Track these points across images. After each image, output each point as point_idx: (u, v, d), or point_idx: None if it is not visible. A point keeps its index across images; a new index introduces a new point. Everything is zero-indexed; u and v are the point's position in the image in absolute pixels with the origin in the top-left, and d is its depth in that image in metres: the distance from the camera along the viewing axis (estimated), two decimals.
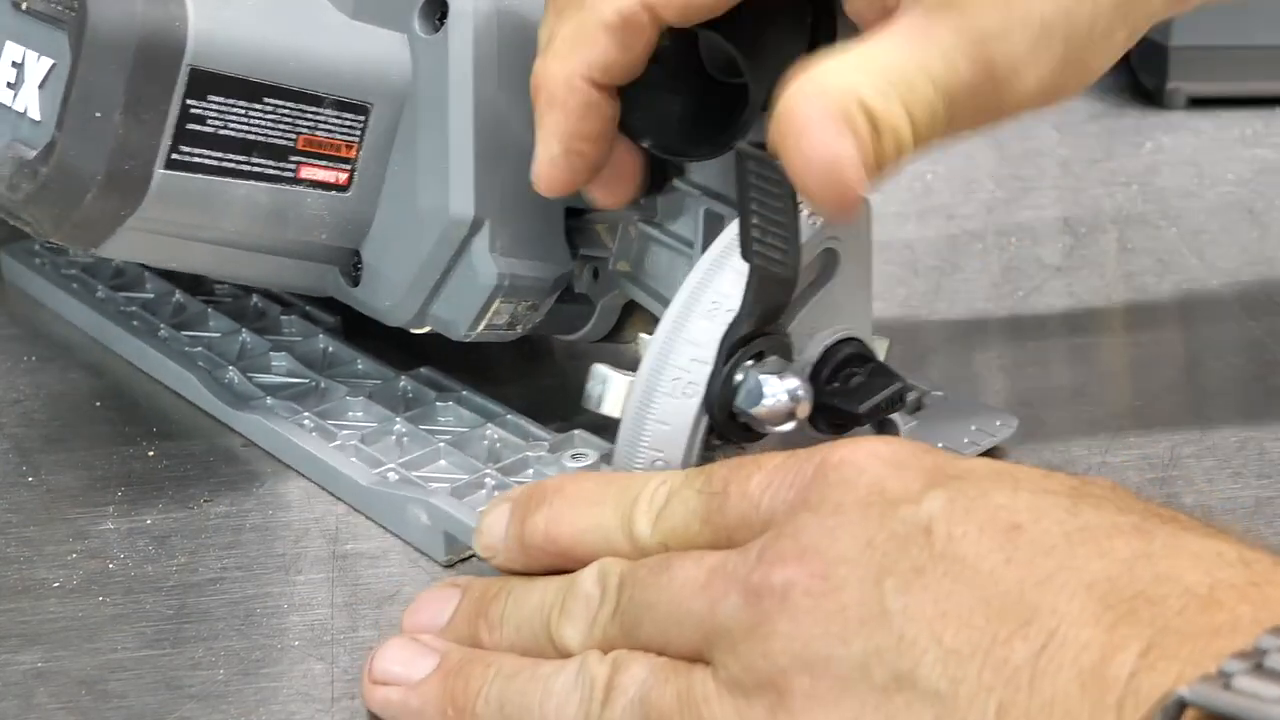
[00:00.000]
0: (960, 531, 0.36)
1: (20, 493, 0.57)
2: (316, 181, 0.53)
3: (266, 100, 0.51)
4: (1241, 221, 0.79)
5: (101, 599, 0.51)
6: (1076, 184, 0.84)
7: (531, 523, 0.45)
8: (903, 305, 0.71)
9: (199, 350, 0.63)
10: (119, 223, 0.50)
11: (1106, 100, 0.95)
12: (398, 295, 0.55)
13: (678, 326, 0.48)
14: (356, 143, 0.54)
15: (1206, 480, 0.57)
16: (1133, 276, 0.74)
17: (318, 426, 0.58)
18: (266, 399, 0.60)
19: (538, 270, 0.56)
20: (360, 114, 0.53)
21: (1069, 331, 0.69)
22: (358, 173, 0.54)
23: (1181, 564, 0.34)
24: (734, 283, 0.47)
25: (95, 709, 0.46)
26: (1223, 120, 0.91)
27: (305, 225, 0.54)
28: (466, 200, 0.53)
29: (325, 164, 0.53)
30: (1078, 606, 0.33)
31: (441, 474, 0.55)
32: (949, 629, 0.34)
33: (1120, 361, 0.67)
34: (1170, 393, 0.63)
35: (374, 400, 0.59)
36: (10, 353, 0.66)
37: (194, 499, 0.56)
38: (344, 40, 0.53)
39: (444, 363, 0.61)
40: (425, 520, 0.52)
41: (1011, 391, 0.64)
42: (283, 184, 0.53)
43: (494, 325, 0.56)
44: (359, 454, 0.56)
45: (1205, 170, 0.85)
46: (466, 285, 0.54)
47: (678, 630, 0.39)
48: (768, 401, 0.46)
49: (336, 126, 0.53)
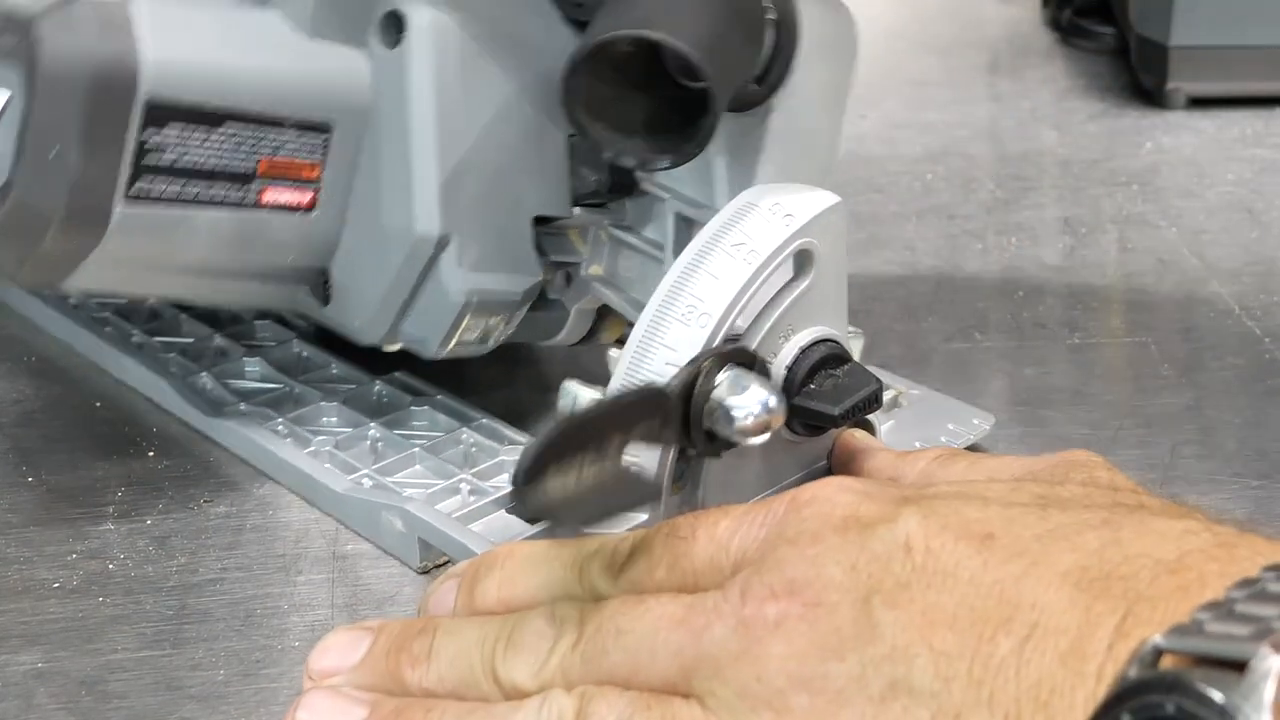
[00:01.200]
0: (938, 544, 0.37)
1: (20, 493, 0.57)
2: (280, 204, 0.52)
3: (225, 126, 0.50)
4: (1241, 221, 0.79)
5: (101, 599, 0.51)
6: (1076, 184, 0.84)
7: (482, 588, 0.44)
8: (903, 305, 0.71)
9: (172, 356, 0.63)
10: (82, 258, 0.49)
11: (1106, 100, 0.95)
12: (368, 314, 0.55)
13: (652, 331, 0.47)
14: (320, 163, 0.53)
15: (1207, 480, 0.57)
16: (1133, 276, 0.74)
17: (292, 433, 0.58)
18: (240, 405, 0.59)
19: (507, 283, 0.55)
20: (322, 133, 0.52)
21: (1069, 331, 0.69)
22: (322, 193, 0.53)
23: (1149, 542, 0.35)
24: (709, 286, 0.47)
25: (95, 709, 0.46)
26: (1223, 120, 0.91)
27: (271, 248, 0.53)
28: (432, 217, 0.52)
29: (289, 186, 0.52)
30: (1054, 595, 0.34)
31: (416, 479, 0.55)
32: (937, 634, 0.35)
33: (1120, 361, 0.67)
34: (1170, 393, 0.63)
35: (348, 405, 0.59)
36: (10, 353, 0.66)
37: (194, 499, 0.56)
38: (302, 60, 0.52)
39: (420, 367, 0.60)
40: (400, 527, 0.52)
41: (1011, 391, 0.64)
42: (246, 209, 0.52)
43: (465, 341, 0.55)
44: (334, 460, 0.56)
45: (1205, 170, 0.85)
46: (436, 303, 0.54)
47: (651, 661, 0.38)
48: (740, 415, 0.46)
49: (298, 148, 0.52)
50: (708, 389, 0.46)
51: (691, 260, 0.48)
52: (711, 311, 0.47)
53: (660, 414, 0.45)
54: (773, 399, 0.46)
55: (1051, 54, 1.03)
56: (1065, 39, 1.05)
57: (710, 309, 0.47)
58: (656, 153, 0.50)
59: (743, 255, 0.48)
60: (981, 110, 0.95)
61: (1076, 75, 0.99)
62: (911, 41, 1.06)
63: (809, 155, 0.56)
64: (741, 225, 0.48)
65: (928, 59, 1.03)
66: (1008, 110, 0.94)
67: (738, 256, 0.48)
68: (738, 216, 0.49)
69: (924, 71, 1.01)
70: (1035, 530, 0.36)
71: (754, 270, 0.47)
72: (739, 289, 0.47)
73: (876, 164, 0.87)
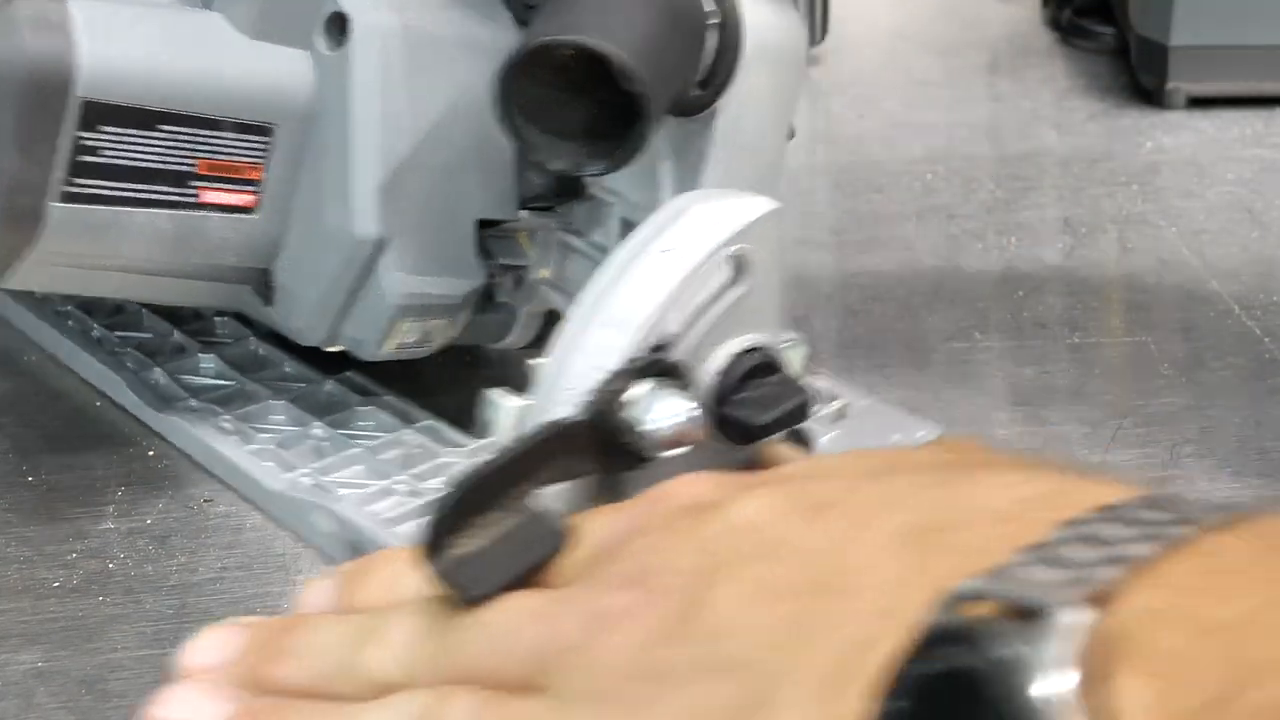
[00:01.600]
0: (779, 518, 0.37)
1: (20, 493, 0.57)
2: (220, 205, 0.52)
3: (162, 127, 0.50)
4: (1241, 221, 0.79)
5: (101, 599, 0.51)
6: (1076, 184, 0.84)
7: (364, 589, 0.43)
8: (903, 305, 0.71)
9: (129, 351, 0.63)
10: (17, 258, 0.49)
11: (1106, 100, 0.95)
12: (308, 315, 0.55)
13: (575, 338, 0.46)
14: (261, 164, 0.53)
15: (1207, 480, 0.57)
16: (1133, 276, 0.74)
17: (238, 430, 0.58)
18: (191, 401, 0.59)
19: (447, 287, 0.55)
20: (263, 135, 0.52)
21: (1069, 331, 0.69)
22: (264, 194, 0.53)
23: (985, 494, 0.35)
24: (634, 292, 0.46)
25: (95, 709, 0.46)
26: (1223, 120, 0.91)
27: (211, 249, 0.53)
28: (371, 220, 0.52)
29: (229, 187, 0.52)
30: (881, 554, 0.34)
31: (355, 480, 0.55)
32: (764, 605, 0.35)
33: (1120, 361, 0.67)
34: (1170, 393, 0.63)
35: (296, 404, 0.59)
36: (10, 353, 0.66)
37: (194, 499, 0.56)
38: (244, 61, 0.52)
39: (373, 368, 0.60)
40: (327, 527, 0.52)
41: (1011, 391, 0.64)
42: (185, 209, 0.52)
43: (404, 344, 0.55)
44: (276, 458, 0.56)
45: (1205, 170, 0.85)
46: (373, 305, 0.54)
47: (508, 656, 0.38)
48: (654, 428, 0.45)
49: (239, 149, 0.52)
50: (619, 406, 0.45)
51: (618, 265, 0.47)
52: (636, 318, 0.46)
53: (571, 448, 0.44)
54: (690, 410, 0.45)
55: (1051, 54, 1.03)
56: (1065, 39, 1.05)
57: (635, 315, 0.46)
58: (590, 158, 0.49)
59: (671, 260, 0.47)
60: (981, 110, 0.95)
61: (1076, 75, 0.99)
62: (911, 41, 1.06)
63: (755, 160, 0.55)
64: (672, 231, 0.47)
65: (928, 59, 1.03)
66: (1008, 110, 0.94)
67: (666, 262, 0.46)
68: (668, 221, 0.48)
69: (924, 71, 1.01)
70: (874, 497, 0.36)
71: (682, 276, 0.46)
72: (665, 295, 0.46)
73: (876, 164, 0.87)
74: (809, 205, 0.82)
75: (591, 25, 0.47)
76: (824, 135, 0.93)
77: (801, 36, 0.57)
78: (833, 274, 0.74)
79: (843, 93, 0.97)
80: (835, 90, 0.98)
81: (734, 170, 0.54)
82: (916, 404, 0.62)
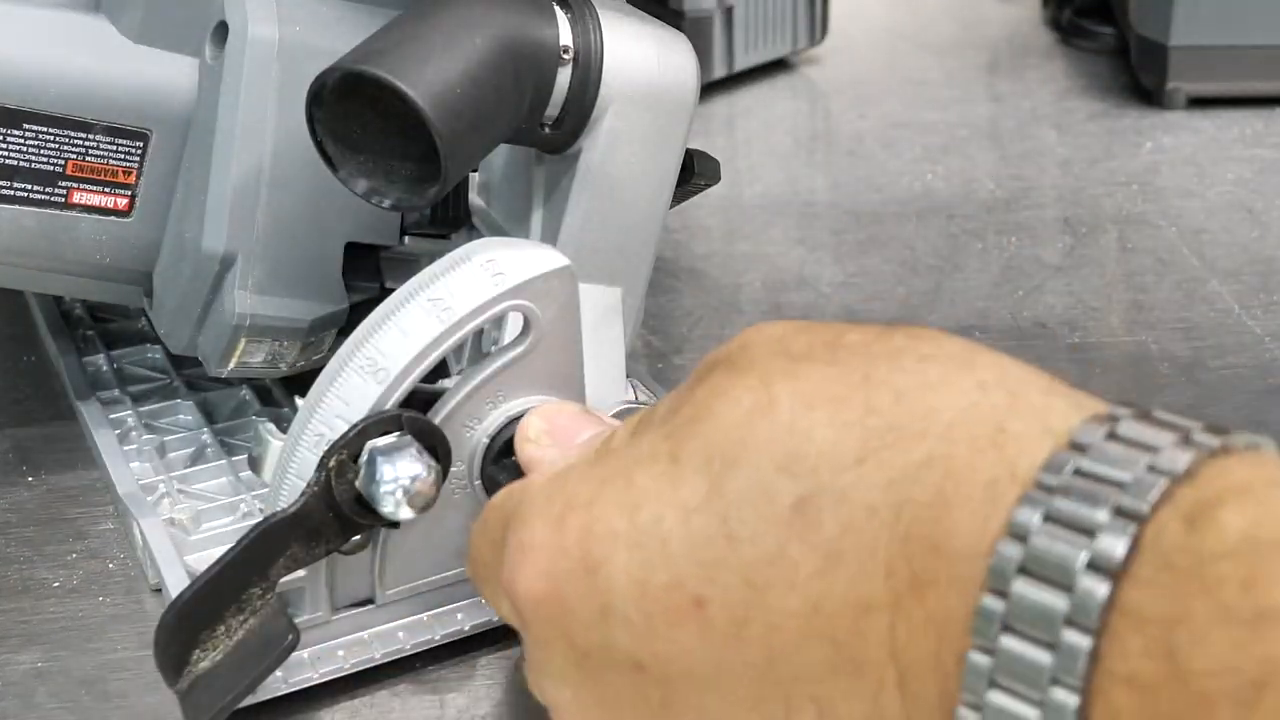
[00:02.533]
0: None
1: (20, 493, 0.57)
2: (91, 206, 0.52)
3: (26, 126, 0.50)
4: (1241, 221, 0.79)
5: (101, 599, 0.51)
6: (1076, 184, 0.84)
7: None
8: (903, 305, 0.71)
9: (91, 334, 0.64)
10: None
11: (1106, 100, 0.95)
12: (169, 322, 0.55)
13: (329, 382, 0.45)
14: (135, 169, 0.52)
15: None
16: (1133, 276, 0.74)
17: (135, 425, 0.58)
18: (114, 390, 0.60)
19: (296, 310, 0.53)
20: (138, 140, 0.52)
21: (1069, 331, 0.69)
22: (139, 198, 0.53)
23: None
24: (394, 340, 0.45)
25: (95, 709, 0.46)
26: (1223, 120, 0.91)
27: (83, 249, 0.53)
28: (219, 234, 0.52)
29: (100, 189, 0.52)
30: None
31: (211, 493, 0.54)
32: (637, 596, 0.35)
33: (1120, 361, 0.67)
34: (1170, 393, 0.63)
35: (202, 407, 0.59)
36: (10, 353, 0.66)
37: None
38: (122, 65, 0.52)
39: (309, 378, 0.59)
40: (138, 539, 0.52)
41: None
42: (52, 209, 0.52)
43: (246, 363, 0.54)
44: (150, 459, 0.56)
45: (1205, 170, 0.85)
46: (217, 320, 0.53)
47: None
48: (384, 492, 0.43)
49: (111, 152, 0.52)
50: (347, 482, 0.44)
51: (383, 312, 0.46)
52: (391, 367, 0.44)
53: (296, 540, 0.44)
54: (422, 472, 0.44)
55: (1051, 54, 1.03)
56: (1065, 39, 1.05)
57: (391, 364, 0.44)
58: (393, 188, 0.47)
59: (437, 311, 0.45)
60: (981, 110, 0.95)
61: (1076, 75, 0.99)
62: (911, 41, 1.06)
63: (626, 203, 0.54)
64: (446, 279, 0.46)
65: (928, 59, 1.03)
66: (1008, 110, 0.94)
67: (432, 313, 0.45)
68: (446, 269, 0.46)
69: (924, 71, 1.01)
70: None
71: (445, 328, 0.45)
72: (424, 346, 0.45)
73: (876, 164, 0.87)
74: (809, 205, 0.82)
75: (390, 59, 0.45)
76: (824, 135, 0.93)
77: (690, 76, 0.54)
78: (833, 274, 0.74)
79: (842, 93, 0.97)
80: (835, 90, 0.98)
81: (601, 211, 0.53)
82: None
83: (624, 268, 0.54)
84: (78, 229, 0.52)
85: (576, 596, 0.36)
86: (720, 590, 0.34)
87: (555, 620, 0.37)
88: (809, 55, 1.00)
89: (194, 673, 0.42)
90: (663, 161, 0.54)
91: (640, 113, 0.53)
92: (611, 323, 0.54)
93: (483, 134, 0.47)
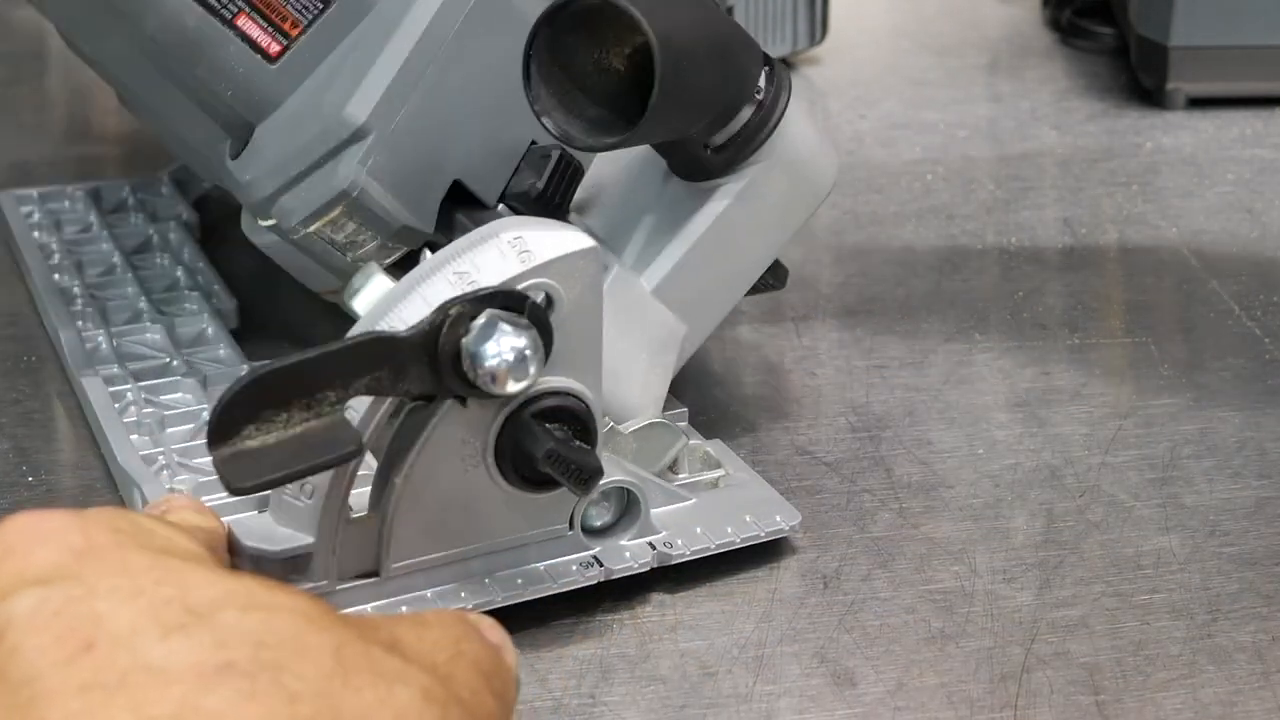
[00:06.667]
0: (32, 643, 0.32)
1: (20, 493, 0.57)
2: (248, 37, 0.54)
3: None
4: (1241, 221, 0.79)
5: None
6: (1076, 184, 0.84)
7: None
8: (902, 305, 0.71)
9: (90, 310, 0.64)
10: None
11: (1106, 100, 0.95)
12: (263, 171, 0.55)
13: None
14: (304, 25, 0.54)
15: (1206, 480, 0.57)
16: (1133, 276, 0.74)
17: (134, 400, 0.58)
18: (113, 367, 0.60)
19: (394, 208, 0.54)
20: (321, 2, 0.54)
21: (1069, 331, 0.69)
22: (290, 52, 0.55)
23: None
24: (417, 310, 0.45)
25: None
26: (1223, 120, 0.91)
27: (217, 71, 0.54)
28: (364, 107, 0.53)
29: (264, 26, 0.54)
30: None
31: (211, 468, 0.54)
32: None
33: (1120, 361, 0.67)
34: (1170, 393, 0.63)
35: (203, 386, 0.59)
36: (10, 353, 0.66)
37: None
38: None
39: None
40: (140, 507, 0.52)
41: (1011, 391, 0.64)
42: (216, 19, 0.54)
43: (325, 235, 0.55)
44: (150, 432, 0.56)
45: (1205, 170, 0.85)
46: (321, 181, 0.54)
47: None
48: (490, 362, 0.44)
49: (292, 0, 0.54)
50: (457, 335, 0.44)
51: (410, 281, 0.46)
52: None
53: (390, 364, 0.44)
54: (528, 347, 0.44)
55: (1051, 54, 1.03)
56: (1065, 39, 1.05)
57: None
58: (579, 131, 0.49)
59: (463, 285, 0.45)
60: (981, 110, 0.95)
61: (1076, 75, 0.99)
62: (911, 41, 1.06)
63: (732, 255, 0.56)
64: (473, 254, 0.46)
65: (928, 59, 1.03)
66: (1008, 110, 0.94)
67: (458, 285, 0.45)
68: (473, 244, 0.47)
69: (924, 71, 1.00)
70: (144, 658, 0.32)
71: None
72: None
73: (876, 164, 0.87)
74: None
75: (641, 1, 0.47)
76: None
77: (832, 174, 0.57)
78: (833, 274, 0.74)
79: (842, 93, 0.97)
80: (835, 90, 0.98)
81: (710, 250, 0.55)
82: (916, 404, 0.62)
83: (700, 313, 0.56)
84: (225, 50, 0.54)
85: None
86: None
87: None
88: (809, 55, 1.00)
89: (239, 447, 0.42)
90: (778, 235, 0.57)
91: (785, 180, 0.55)
92: (669, 349, 0.55)
93: (684, 102, 0.50)
